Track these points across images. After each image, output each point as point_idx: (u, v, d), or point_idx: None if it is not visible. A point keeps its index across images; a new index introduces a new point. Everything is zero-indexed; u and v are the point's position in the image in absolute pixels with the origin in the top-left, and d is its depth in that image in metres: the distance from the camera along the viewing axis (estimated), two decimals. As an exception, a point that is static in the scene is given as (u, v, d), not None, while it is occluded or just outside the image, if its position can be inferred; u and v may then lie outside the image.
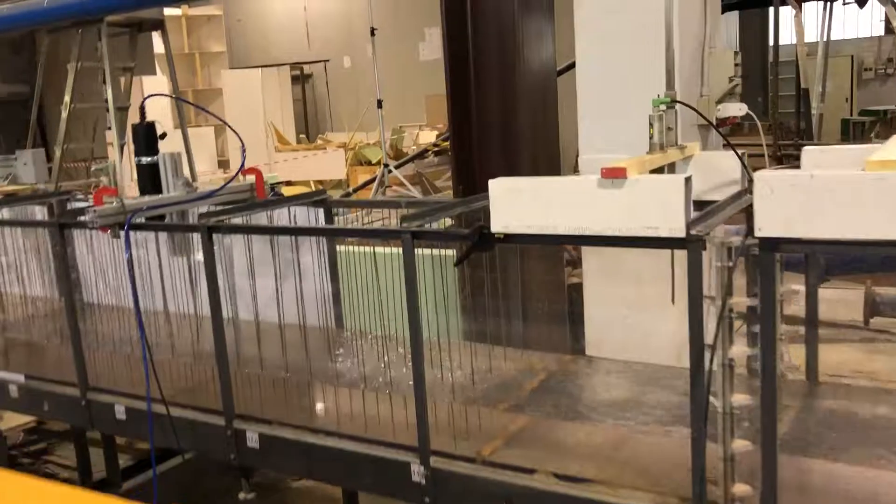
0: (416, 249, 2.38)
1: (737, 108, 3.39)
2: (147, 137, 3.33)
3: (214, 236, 2.84)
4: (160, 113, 14.07)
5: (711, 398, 2.02)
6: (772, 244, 1.90)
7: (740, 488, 2.05)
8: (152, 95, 3.30)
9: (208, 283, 2.87)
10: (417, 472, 2.56)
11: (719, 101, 3.40)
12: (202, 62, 15.62)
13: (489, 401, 2.77)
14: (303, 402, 2.98)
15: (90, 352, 3.44)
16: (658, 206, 2.00)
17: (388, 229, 2.45)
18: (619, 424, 2.55)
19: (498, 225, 2.24)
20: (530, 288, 3.41)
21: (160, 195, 3.29)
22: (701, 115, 2.83)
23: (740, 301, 1.98)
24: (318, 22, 15.45)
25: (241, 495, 3.05)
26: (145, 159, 3.32)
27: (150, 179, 3.34)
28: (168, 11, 14.86)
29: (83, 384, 3.37)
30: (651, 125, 2.42)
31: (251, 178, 3.54)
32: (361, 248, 3.19)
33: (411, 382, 2.47)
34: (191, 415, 3.09)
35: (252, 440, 2.93)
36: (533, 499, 2.36)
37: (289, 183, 11.75)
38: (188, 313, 3.46)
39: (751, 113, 3.53)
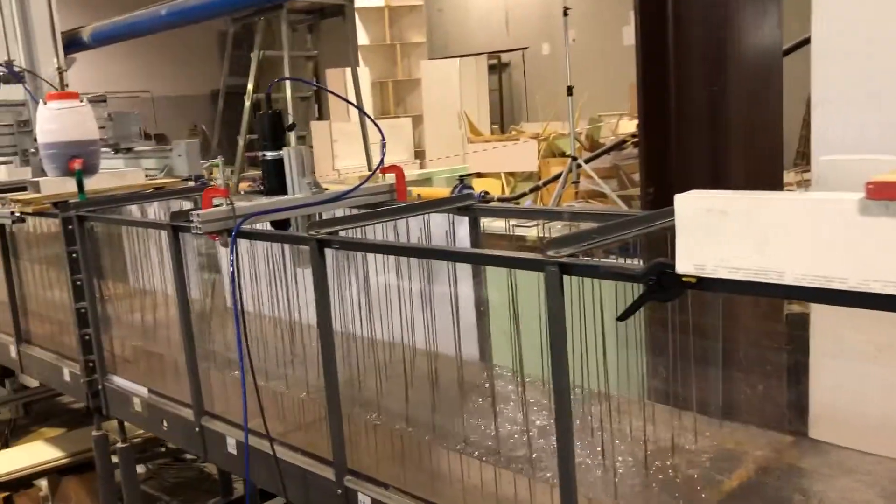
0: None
1: None
2: (272, 129, 2.85)
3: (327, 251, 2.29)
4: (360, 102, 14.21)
5: None
6: None
7: None
8: (281, 80, 2.81)
9: (318, 310, 2.32)
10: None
11: None
12: (402, 53, 15.66)
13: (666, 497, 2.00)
14: (425, 465, 2.36)
15: (212, 370, 3.05)
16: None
17: (527, 258, 1.76)
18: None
19: (687, 263, 1.48)
20: (734, 327, 2.58)
21: (282, 197, 2.81)
22: None
23: None
24: (517, 9, 14.95)
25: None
26: (270, 154, 2.85)
27: (275, 177, 2.86)
28: (371, 2, 15.05)
29: (198, 408, 2.98)
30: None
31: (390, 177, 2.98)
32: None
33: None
34: (301, 461, 2.58)
35: (364, 505, 2.37)
36: None
37: (479, 175, 11.36)
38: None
39: None
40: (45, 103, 3.68)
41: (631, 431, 2.21)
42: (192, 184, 4.17)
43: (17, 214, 3.64)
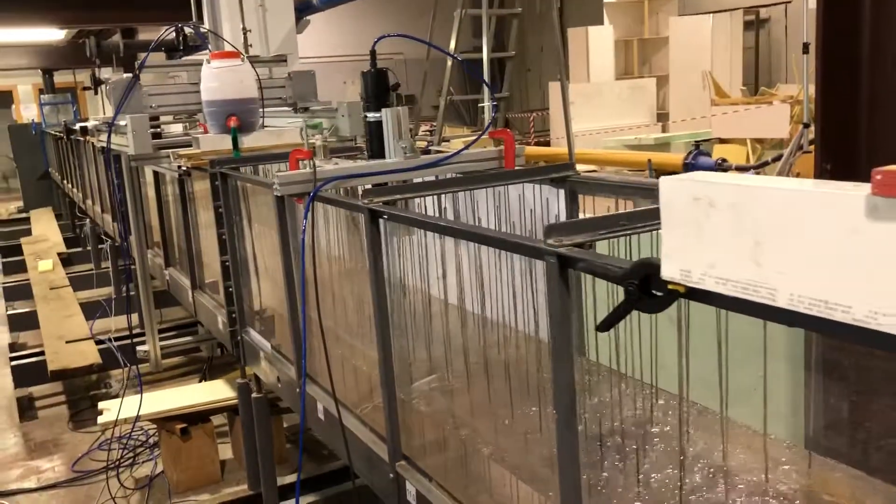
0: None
1: None
2: (375, 88, 2.72)
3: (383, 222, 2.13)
4: (602, 62, 13.80)
5: None
6: None
7: None
8: (383, 37, 2.66)
9: (372, 282, 2.17)
10: None
11: None
12: (650, 9, 14.93)
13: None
14: (471, 463, 2.14)
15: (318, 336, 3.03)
16: None
17: (525, 244, 1.47)
18: None
19: (672, 267, 1.14)
20: None
21: (379, 160, 2.68)
22: None
23: None
24: (784, -44, 13.58)
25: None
26: (371, 115, 2.73)
27: (377, 140, 2.74)
28: (617, -42, 14.40)
29: (300, 370, 2.98)
30: None
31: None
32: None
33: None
34: (369, 437, 2.47)
35: (411, 494, 2.21)
36: None
37: (722, 141, 10.52)
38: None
39: None
40: (208, 62, 3.85)
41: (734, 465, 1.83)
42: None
43: (183, 168, 3.87)
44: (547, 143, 12.09)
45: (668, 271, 1.14)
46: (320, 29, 11.74)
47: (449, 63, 6.90)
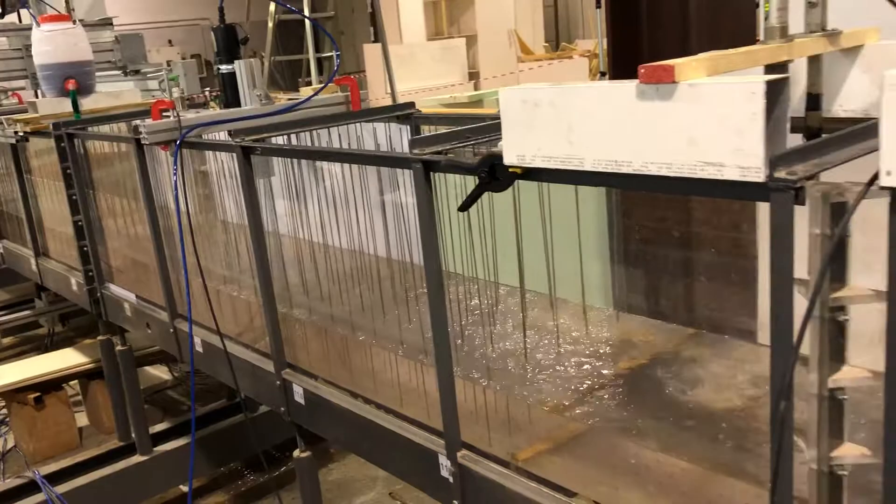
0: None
1: None
2: (225, 42, 2.96)
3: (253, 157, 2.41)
4: (413, 24, 14.09)
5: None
6: (911, 201, 1.04)
7: None
8: (231, -6, 2.89)
9: (248, 213, 2.46)
10: (445, 467, 2.01)
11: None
12: (455, -30, 15.40)
13: (558, 382, 2.10)
14: (352, 360, 2.51)
15: (181, 276, 3.24)
16: (723, 130, 1.20)
17: (394, 157, 1.84)
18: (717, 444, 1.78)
19: (511, 154, 1.55)
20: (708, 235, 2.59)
21: (235, 109, 2.93)
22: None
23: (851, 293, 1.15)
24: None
25: (296, 452, 2.69)
26: (224, 67, 2.96)
27: (230, 90, 2.98)
28: (428, -79, 14.70)
29: (172, 312, 3.20)
30: (764, -2, 1.49)
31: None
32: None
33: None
34: (251, 356, 2.77)
35: (298, 395, 2.54)
36: (568, 532, 1.71)
37: (530, 95, 11.24)
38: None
39: None
40: (38, 25, 3.86)
41: (558, 328, 2.30)
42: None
43: (21, 134, 3.87)
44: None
45: (509, 158, 1.55)
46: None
47: (270, 25, 7.04)
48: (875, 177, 1.07)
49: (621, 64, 3.80)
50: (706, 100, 1.22)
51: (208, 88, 3.50)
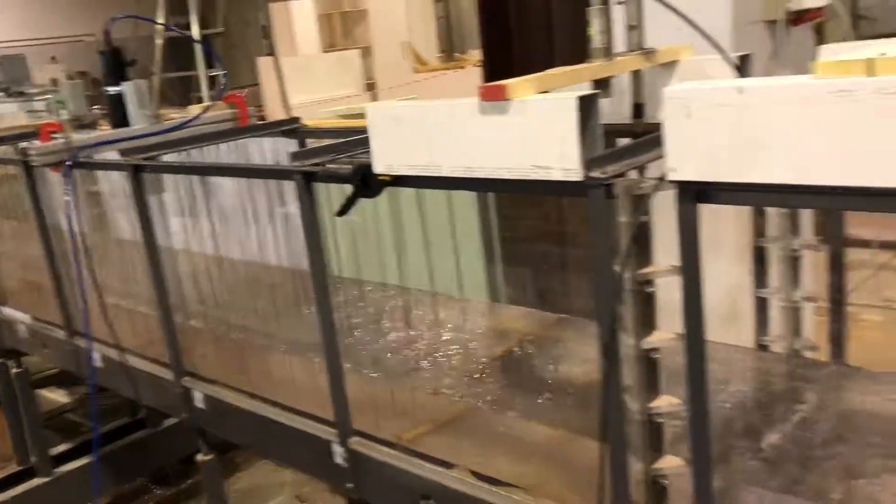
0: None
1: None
2: (112, 65, 3.05)
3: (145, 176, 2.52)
4: (307, 36, 14.12)
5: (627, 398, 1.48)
6: (693, 192, 1.29)
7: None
8: (118, 18, 2.99)
9: (142, 231, 2.57)
10: (339, 454, 2.18)
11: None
12: (348, -17, 15.51)
13: (441, 369, 2.31)
14: (248, 364, 2.65)
15: (83, 295, 3.29)
16: (548, 138, 1.43)
17: (279, 168, 2.02)
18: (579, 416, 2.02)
19: (380, 164, 1.74)
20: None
21: (125, 129, 3.02)
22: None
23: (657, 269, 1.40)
24: (458, -68, 14.80)
25: (199, 457, 2.81)
26: (111, 89, 3.05)
27: (118, 111, 3.07)
28: (307, -70, 14.76)
29: (69, 329, 3.24)
30: (588, 23, 1.75)
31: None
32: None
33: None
34: (150, 367, 2.86)
35: (199, 400, 2.66)
36: (449, 498, 1.92)
37: (427, 105, 11.49)
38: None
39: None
40: (-84, 51, 3.82)
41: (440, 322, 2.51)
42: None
43: None
44: (262, 118, 12.35)
45: (378, 167, 1.75)
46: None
47: (158, 43, 7.03)
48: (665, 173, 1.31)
49: (499, 71, 4.06)
50: (533, 114, 1.45)
51: (97, 106, 3.55)
